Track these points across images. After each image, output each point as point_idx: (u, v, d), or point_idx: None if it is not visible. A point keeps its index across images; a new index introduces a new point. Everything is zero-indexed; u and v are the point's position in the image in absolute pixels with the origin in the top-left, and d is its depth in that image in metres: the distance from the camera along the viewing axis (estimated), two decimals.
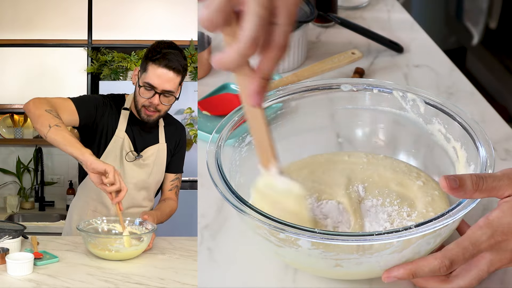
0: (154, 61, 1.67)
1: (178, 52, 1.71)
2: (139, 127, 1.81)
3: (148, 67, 1.69)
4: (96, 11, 3.30)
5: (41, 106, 1.58)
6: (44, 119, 1.55)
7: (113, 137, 1.77)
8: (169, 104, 1.74)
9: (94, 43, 3.29)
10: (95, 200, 1.81)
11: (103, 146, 1.77)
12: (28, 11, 3.28)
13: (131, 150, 1.78)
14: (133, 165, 1.79)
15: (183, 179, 3.13)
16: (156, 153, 1.83)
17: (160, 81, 1.67)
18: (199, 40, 1.60)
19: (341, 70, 1.51)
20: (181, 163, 1.94)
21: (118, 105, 1.80)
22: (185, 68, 1.72)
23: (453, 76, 1.58)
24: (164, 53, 1.67)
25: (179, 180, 1.93)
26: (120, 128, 1.77)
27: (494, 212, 0.86)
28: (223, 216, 1.12)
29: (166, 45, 1.70)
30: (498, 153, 1.26)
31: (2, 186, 3.34)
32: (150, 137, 1.83)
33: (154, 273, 1.42)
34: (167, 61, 1.66)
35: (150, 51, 1.70)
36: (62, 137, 1.52)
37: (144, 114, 1.73)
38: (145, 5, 3.33)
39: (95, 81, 3.31)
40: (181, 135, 1.92)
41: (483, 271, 0.86)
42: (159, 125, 1.86)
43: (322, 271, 0.95)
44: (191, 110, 3.06)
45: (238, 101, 1.40)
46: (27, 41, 3.27)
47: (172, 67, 1.67)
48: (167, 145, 1.85)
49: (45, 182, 3.30)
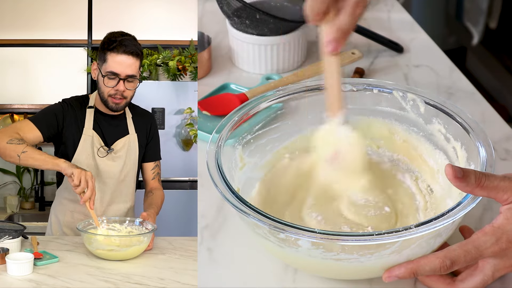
0: (112, 50, 1.72)
1: (132, 38, 1.77)
2: (107, 122, 1.85)
3: (107, 57, 1.73)
4: (96, 11, 3.30)
5: (2, 139, 1.65)
6: (10, 151, 1.64)
7: (81, 136, 1.80)
8: (133, 89, 1.79)
9: (94, 43, 3.29)
10: (72, 201, 1.82)
11: (73, 148, 1.81)
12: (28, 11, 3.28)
13: (101, 145, 1.80)
14: (106, 160, 1.82)
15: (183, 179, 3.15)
16: (128, 144, 1.85)
17: (122, 67, 1.73)
18: (199, 40, 1.60)
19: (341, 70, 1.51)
20: (157, 150, 1.97)
21: (82, 105, 1.85)
22: (142, 51, 1.78)
23: (453, 76, 1.58)
24: (120, 40, 1.73)
25: (158, 167, 1.96)
26: (87, 126, 1.81)
27: (499, 219, 0.85)
28: (223, 216, 1.13)
29: (119, 34, 1.77)
30: (498, 153, 1.26)
31: (2, 186, 3.34)
32: (119, 129, 1.86)
33: (154, 273, 1.42)
34: (124, 47, 1.72)
35: (105, 42, 1.75)
36: (33, 161, 1.64)
37: (112, 103, 1.78)
38: (145, 5, 3.33)
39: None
40: (151, 123, 1.95)
41: (488, 276, 0.87)
42: (127, 116, 1.89)
43: (322, 271, 0.95)
44: (191, 110, 3.06)
45: (238, 101, 1.40)
46: (27, 41, 3.26)
47: (130, 52, 1.72)
48: (138, 135, 1.88)
49: (45, 182, 3.30)
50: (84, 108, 1.84)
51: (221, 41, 1.70)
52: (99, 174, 1.81)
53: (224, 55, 1.66)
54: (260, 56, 1.55)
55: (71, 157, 1.79)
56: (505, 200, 0.85)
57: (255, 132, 1.11)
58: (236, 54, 1.60)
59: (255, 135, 1.11)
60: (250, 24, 1.51)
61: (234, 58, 1.62)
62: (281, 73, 1.56)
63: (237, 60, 1.61)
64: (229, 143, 1.05)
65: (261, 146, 1.12)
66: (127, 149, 1.85)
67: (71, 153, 1.79)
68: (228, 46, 1.64)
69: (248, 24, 1.51)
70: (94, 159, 1.81)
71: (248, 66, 1.59)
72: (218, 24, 1.73)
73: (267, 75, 1.52)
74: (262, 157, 1.13)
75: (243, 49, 1.57)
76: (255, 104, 1.10)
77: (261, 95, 1.12)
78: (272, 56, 1.55)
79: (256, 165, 1.11)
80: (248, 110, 1.09)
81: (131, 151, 1.87)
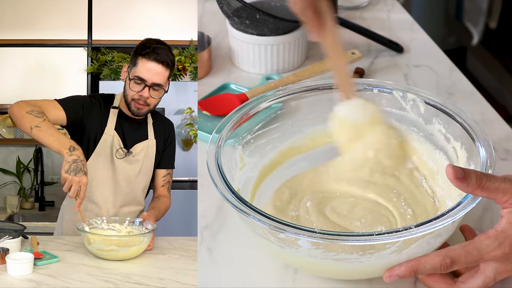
0: (143, 56, 1.72)
1: (167, 48, 1.76)
2: (129, 125, 1.85)
3: (138, 62, 1.73)
4: (96, 11, 3.30)
5: (24, 108, 1.63)
6: (26, 121, 1.60)
7: (102, 135, 1.80)
8: (158, 97, 1.78)
9: (94, 43, 3.29)
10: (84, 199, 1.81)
11: (93, 145, 1.81)
12: (28, 11, 3.28)
13: (120, 147, 1.81)
14: (123, 162, 1.82)
15: (183, 179, 3.15)
16: (146, 149, 1.86)
17: (149, 74, 1.72)
18: (199, 40, 1.60)
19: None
20: (172, 158, 1.98)
21: (107, 104, 1.85)
22: (173, 62, 1.77)
23: (453, 76, 1.58)
24: (153, 47, 1.73)
25: (170, 176, 1.96)
26: (110, 126, 1.81)
27: (501, 223, 0.85)
28: (223, 216, 1.13)
29: (155, 42, 1.76)
30: (498, 153, 1.26)
31: (2, 186, 3.34)
32: (139, 133, 1.86)
33: (154, 273, 1.42)
34: (156, 55, 1.71)
35: (139, 47, 1.75)
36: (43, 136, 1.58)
37: (134, 107, 1.78)
38: (145, 5, 3.33)
39: (95, 81, 3.30)
40: (170, 131, 1.96)
41: (489, 278, 0.87)
42: (148, 122, 1.89)
43: (322, 271, 0.95)
44: (191, 110, 3.06)
45: (238, 101, 1.41)
46: (27, 41, 3.26)
47: (161, 61, 1.72)
48: (156, 141, 1.89)
49: (45, 182, 3.30)
50: (109, 107, 1.84)
51: (221, 41, 1.70)
52: (115, 175, 1.81)
53: (224, 55, 1.66)
54: (260, 56, 1.55)
55: (90, 153, 1.79)
56: (505, 202, 0.85)
57: (255, 132, 1.11)
58: (236, 54, 1.60)
59: (255, 135, 1.11)
60: (250, 24, 1.51)
61: (234, 58, 1.62)
62: (281, 73, 1.56)
63: (237, 60, 1.61)
64: (229, 143, 1.05)
65: (261, 146, 1.12)
66: (145, 153, 1.85)
67: (91, 149, 1.79)
68: (228, 46, 1.64)
69: (248, 24, 1.51)
70: (112, 159, 1.80)
71: (248, 66, 1.59)
72: (218, 24, 1.73)
73: (267, 75, 1.52)
74: (262, 157, 1.13)
75: (243, 49, 1.57)
76: (255, 104, 1.10)
77: (261, 95, 1.12)
78: (272, 56, 1.55)
79: (256, 165, 1.11)
80: (248, 110, 1.09)
81: (149, 156, 1.87)
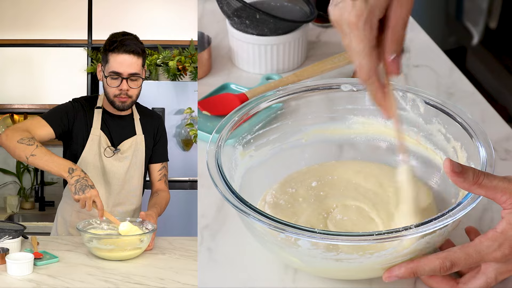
0: (113, 50, 1.74)
1: (133, 37, 1.79)
2: (115, 123, 1.86)
3: (109, 58, 1.75)
4: (96, 11, 3.30)
5: (13, 137, 1.65)
6: (19, 151, 1.64)
7: (89, 135, 1.81)
8: (138, 87, 1.79)
9: (94, 43, 3.29)
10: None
11: (81, 147, 1.82)
12: (28, 11, 3.28)
13: (108, 145, 1.81)
14: (112, 160, 1.83)
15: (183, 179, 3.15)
16: (134, 145, 1.86)
17: (123, 66, 1.74)
18: (199, 40, 1.60)
19: (341, 70, 1.51)
20: (165, 151, 1.98)
21: (92, 105, 1.86)
22: (143, 50, 1.79)
23: (453, 76, 1.58)
24: (120, 40, 1.74)
25: (166, 169, 1.97)
26: (95, 126, 1.82)
27: (501, 224, 0.85)
28: (223, 216, 1.13)
29: (120, 34, 1.78)
30: (498, 153, 1.26)
31: (2, 186, 3.34)
32: (126, 130, 1.87)
33: (154, 273, 1.42)
34: (125, 47, 1.73)
35: (107, 43, 1.77)
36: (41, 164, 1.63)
37: (119, 103, 1.79)
38: (145, 5, 3.33)
39: (95, 81, 3.31)
40: (158, 124, 1.96)
41: (491, 278, 0.87)
42: (134, 118, 1.90)
43: (322, 271, 0.95)
44: (191, 110, 3.06)
45: (238, 101, 1.41)
46: (27, 41, 3.26)
47: (131, 51, 1.74)
48: (145, 136, 1.89)
49: (45, 182, 3.30)
50: (93, 108, 1.85)
51: (221, 41, 1.70)
52: (105, 174, 1.82)
53: (224, 55, 1.66)
54: (260, 56, 1.55)
55: (78, 156, 1.81)
56: (504, 202, 0.84)
57: (255, 132, 1.11)
58: (236, 54, 1.60)
59: (255, 135, 1.11)
60: (250, 24, 1.51)
61: (234, 58, 1.62)
62: (281, 73, 1.56)
63: (237, 60, 1.61)
64: (229, 143, 1.05)
65: (261, 146, 1.12)
66: (133, 149, 1.86)
67: (79, 152, 1.81)
68: (228, 46, 1.64)
69: (248, 24, 1.51)
70: (100, 159, 1.81)
71: (248, 66, 1.59)
72: (218, 24, 1.73)
73: (267, 75, 1.52)
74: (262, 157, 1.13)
75: (243, 49, 1.57)
76: (255, 104, 1.10)
77: (261, 95, 1.12)
78: (272, 56, 1.55)
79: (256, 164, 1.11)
80: (248, 110, 1.09)
81: (138, 152, 1.87)
